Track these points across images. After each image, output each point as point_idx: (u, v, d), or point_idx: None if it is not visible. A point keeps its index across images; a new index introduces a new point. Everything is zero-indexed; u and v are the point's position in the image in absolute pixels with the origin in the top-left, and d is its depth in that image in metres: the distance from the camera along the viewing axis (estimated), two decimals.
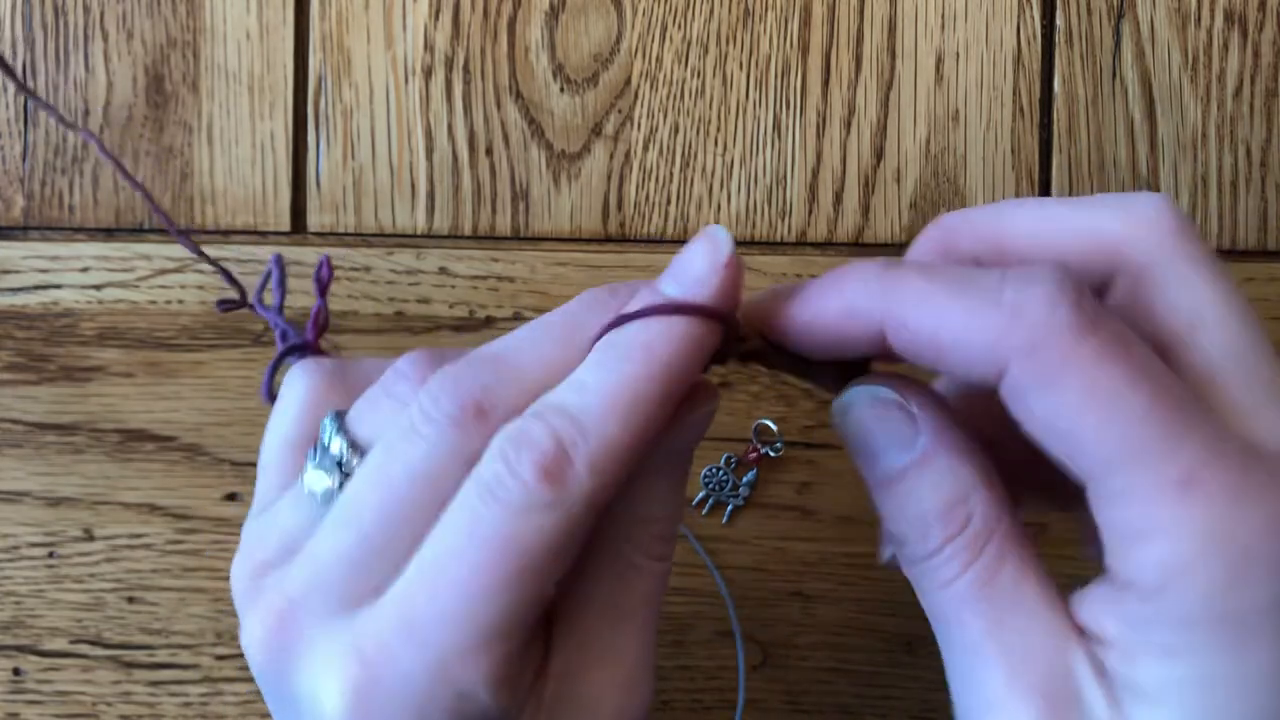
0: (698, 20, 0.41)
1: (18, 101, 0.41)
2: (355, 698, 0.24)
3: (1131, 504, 0.21)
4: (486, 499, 0.23)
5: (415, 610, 0.23)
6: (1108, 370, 0.21)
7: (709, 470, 0.40)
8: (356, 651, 0.24)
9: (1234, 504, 0.21)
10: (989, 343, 0.22)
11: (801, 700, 0.40)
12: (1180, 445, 0.21)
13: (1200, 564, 0.21)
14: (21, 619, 0.40)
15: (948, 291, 0.23)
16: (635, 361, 0.24)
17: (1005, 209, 0.26)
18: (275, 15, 0.41)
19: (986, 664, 0.23)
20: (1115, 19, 0.41)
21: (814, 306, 0.24)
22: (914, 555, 0.25)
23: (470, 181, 0.41)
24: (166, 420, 0.40)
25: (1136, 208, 0.24)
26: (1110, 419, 0.21)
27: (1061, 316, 0.21)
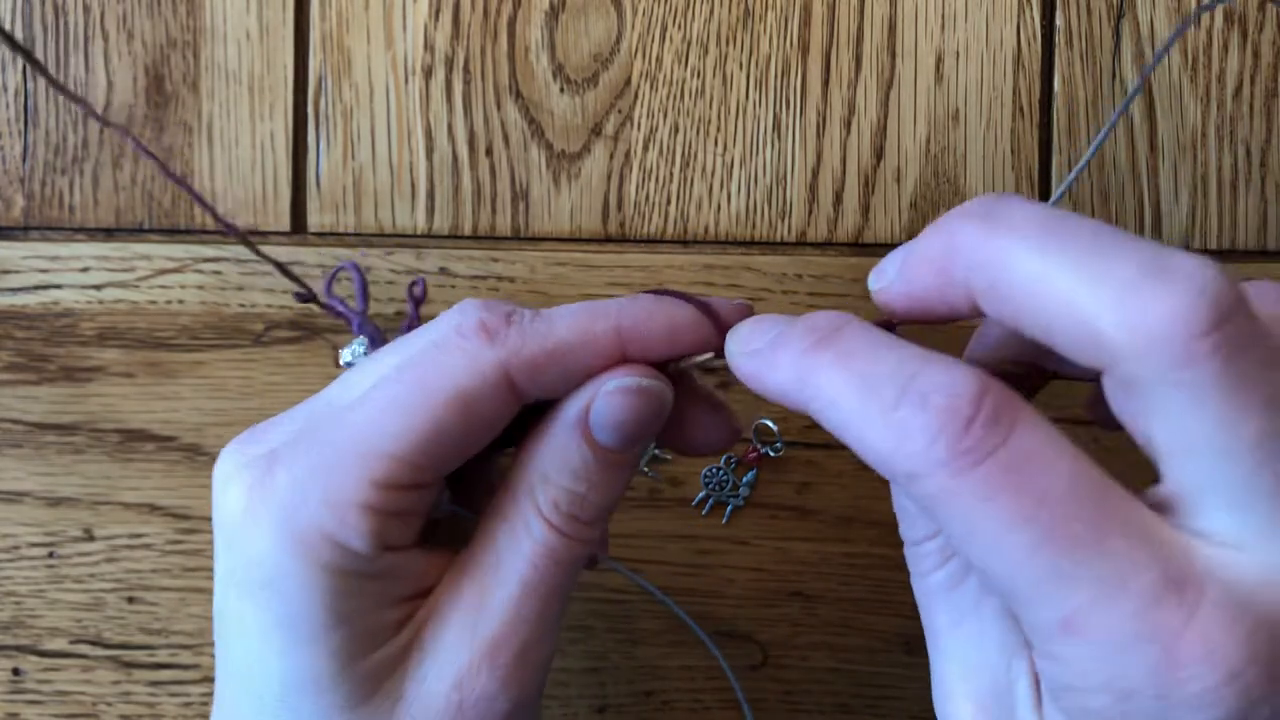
0: (698, 20, 0.41)
1: (18, 101, 0.41)
2: (247, 494, 0.25)
3: (1027, 629, 0.22)
4: (427, 345, 0.26)
5: (329, 426, 0.25)
6: (989, 507, 0.20)
7: (709, 470, 0.40)
8: (270, 454, 0.25)
9: (1117, 651, 0.20)
10: (883, 459, 0.22)
11: (801, 700, 0.40)
12: (1065, 586, 0.20)
13: (1087, 696, 0.21)
14: (21, 619, 0.40)
15: (853, 395, 0.22)
16: (609, 304, 0.27)
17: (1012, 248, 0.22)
18: (275, 15, 0.41)
19: (946, 657, 0.25)
20: (1115, 19, 0.41)
21: (756, 375, 0.25)
22: (903, 536, 0.26)
23: (470, 181, 0.41)
24: (166, 420, 0.40)
25: (1152, 301, 0.20)
26: (991, 556, 0.21)
27: (939, 452, 0.21)
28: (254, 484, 0.25)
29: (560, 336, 0.26)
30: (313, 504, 0.25)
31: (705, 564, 0.40)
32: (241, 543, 0.25)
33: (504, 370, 0.25)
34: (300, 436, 0.26)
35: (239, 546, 0.25)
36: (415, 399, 0.25)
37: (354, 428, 0.25)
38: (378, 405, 0.25)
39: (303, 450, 0.25)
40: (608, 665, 0.40)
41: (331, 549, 0.25)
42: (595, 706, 0.40)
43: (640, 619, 0.40)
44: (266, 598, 0.25)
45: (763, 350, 0.25)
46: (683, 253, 0.41)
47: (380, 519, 0.25)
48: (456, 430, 0.25)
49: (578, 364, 0.26)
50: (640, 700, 0.40)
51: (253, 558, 0.25)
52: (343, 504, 0.24)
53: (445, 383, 0.25)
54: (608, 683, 0.40)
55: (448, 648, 0.26)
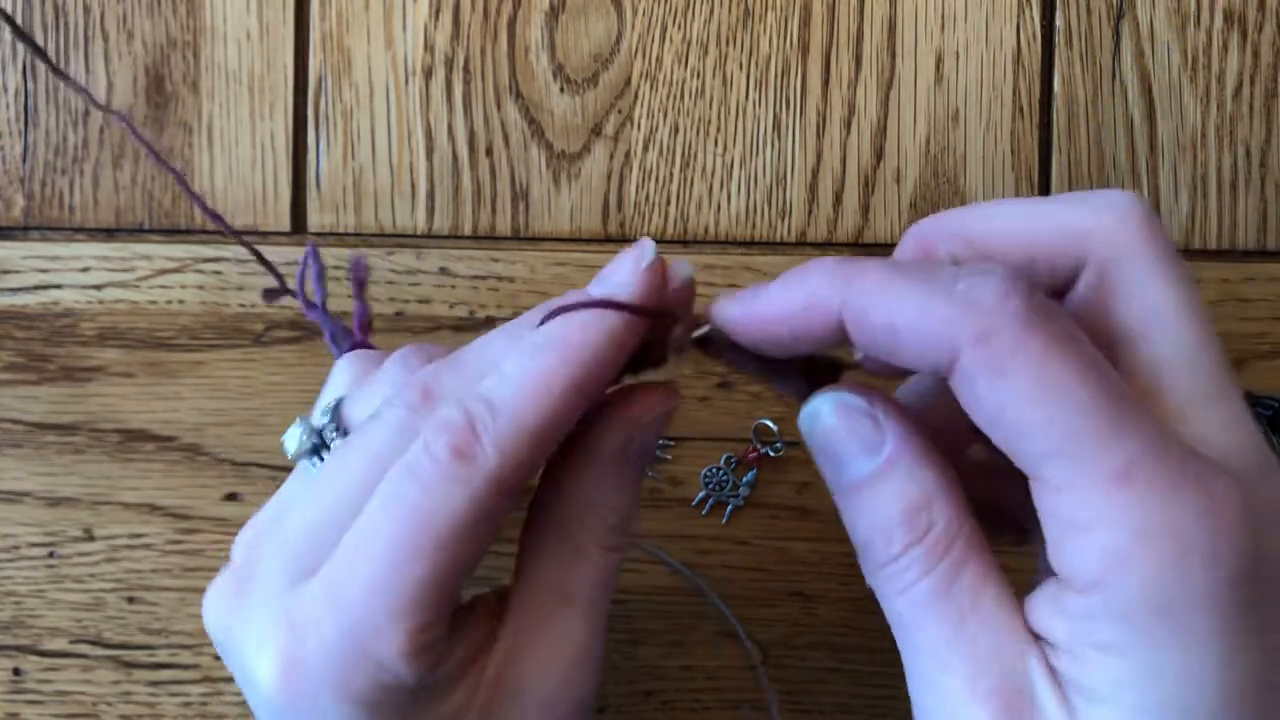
0: (698, 20, 0.41)
1: (18, 101, 0.41)
2: (283, 667, 0.25)
3: (1071, 496, 0.22)
4: (405, 476, 0.25)
5: (338, 581, 0.25)
6: (1055, 361, 0.22)
7: (709, 470, 0.40)
8: (288, 621, 0.25)
9: (1171, 496, 0.21)
10: (942, 331, 0.23)
11: (801, 700, 0.40)
12: (1121, 438, 0.22)
13: (1137, 556, 0.21)
14: (21, 619, 0.40)
15: (905, 282, 0.23)
16: (550, 352, 0.25)
17: (978, 210, 0.26)
18: (275, 15, 0.41)
19: (946, 668, 0.24)
20: (1115, 19, 0.41)
21: (776, 300, 0.25)
22: (876, 561, 0.25)
23: (470, 181, 0.41)
24: (166, 420, 0.40)
25: (1106, 203, 0.25)
26: (1054, 409, 0.22)
27: (1012, 307, 0.22)
28: (287, 659, 0.25)
29: (532, 429, 0.25)
30: (360, 669, 0.25)
31: (705, 564, 0.40)
32: (296, 715, 0.26)
33: (496, 487, 0.25)
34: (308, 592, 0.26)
35: (294, 718, 0.26)
36: (421, 543, 0.25)
37: (370, 584, 0.25)
38: (384, 555, 0.25)
39: (323, 614, 0.25)
40: (608, 665, 0.40)
41: (389, 694, 0.25)
42: (595, 706, 0.40)
43: (640, 619, 0.40)
44: None
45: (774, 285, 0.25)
46: (683, 253, 0.41)
47: (424, 654, 0.25)
48: (469, 555, 0.25)
49: (556, 441, 0.26)
50: (640, 700, 0.40)
51: None
52: (389, 660, 0.25)
53: (445, 520, 0.25)
54: (608, 683, 0.40)
55: (533, 691, 0.27)
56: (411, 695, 0.26)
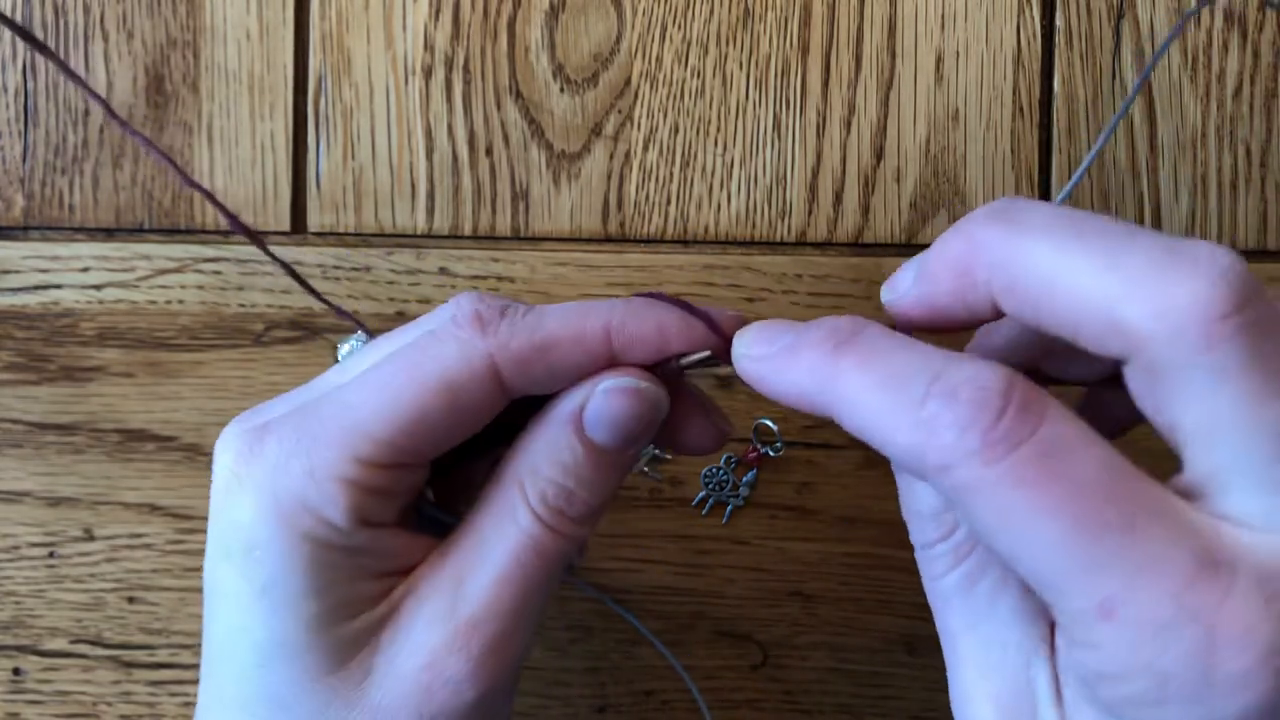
0: (698, 20, 0.41)
1: (18, 101, 0.41)
2: (236, 457, 0.26)
3: (1060, 618, 0.22)
4: (423, 335, 0.27)
5: (321, 404, 0.26)
6: (1022, 496, 0.20)
7: (709, 470, 0.40)
8: (263, 428, 0.26)
9: (1155, 634, 0.20)
10: (912, 455, 0.22)
11: (801, 700, 0.40)
12: (1101, 571, 0.20)
13: (1124, 682, 0.21)
14: (21, 619, 0.40)
15: (880, 395, 0.22)
16: (600, 305, 0.27)
17: (1034, 246, 0.22)
18: (275, 15, 0.41)
19: (962, 660, 0.25)
20: (1115, 19, 0.41)
21: (769, 378, 0.25)
22: (915, 541, 0.26)
23: (470, 181, 0.41)
24: (166, 420, 0.40)
25: (1173, 287, 0.20)
26: (1024, 545, 0.21)
27: (971, 441, 0.21)
28: (243, 452, 0.26)
29: (550, 331, 0.26)
30: (295, 475, 0.25)
31: (705, 564, 0.40)
32: (227, 509, 0.26)
33: (492, 361, 0.26)
34: (293, 410, 0.27)
35: (225, 513, 0.26)
36: (403, 383, 0.26)
37: (341, 405, 0.26)
38: (366, 386, 0.26)
39: (292, 424, 0.26)
40: (608, 665, 0.40)
41: (311, 519, 0.25)
42: (595, 706, 0.40)
43: (640, 619, 0.40)
44: (247, 564, 0.26)
45: (776, 354, 0.25)
46: (683, 253, 0.41)
47: (360, 494, 0.25)
48: (441, 416, 0.26)
49: (566, 361, 0.27)
50: (640, 700, 0.40)
51: (236, 523, 0.26)
52: (324, 477, 0.25)
53: (434, 369, 0.26)
54: (608, 683, 0.40)
55: (422, 627, 0.26)
56: (327, 539, 0.26)
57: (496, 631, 0.27)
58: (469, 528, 0.28)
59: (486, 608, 0.27)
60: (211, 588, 0.27)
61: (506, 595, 0.27)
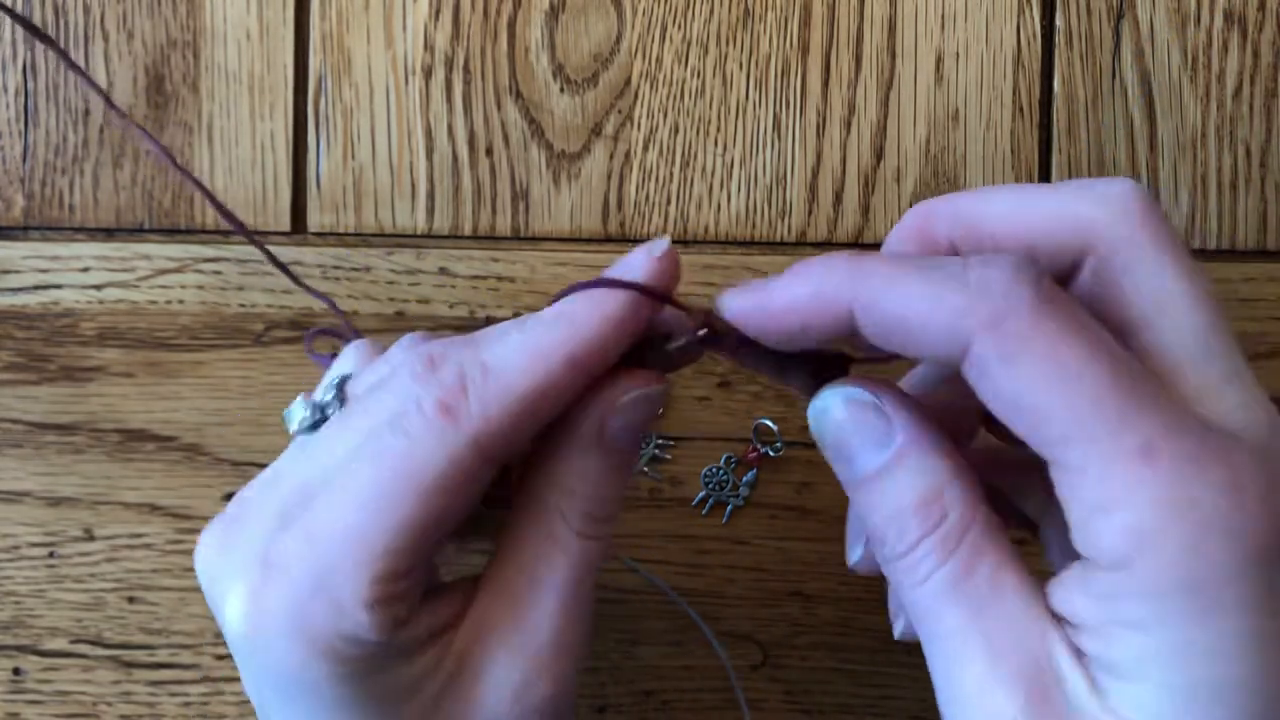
0: (698, 20, 0.41)
1: (18, 101, 0.41)
2: (249, 603, 0.25)
3: (1094, 476, 0.22)
4: (394, 428, 0.25)
5: (315, 523, 0.25)
6: (1068, 344, 0.22)
7: (709, 470, 0.40)
8: (263, 559, 0.26)
9: (1193, 472, 0.21)
10: (954, 320, 0.23)
11: (801, 700, 0.40)
12: (1139, 416, 0.22)
13: (1162, 532, 0.21)
14: (21, 619, 0.40)
15: (914, 273, 0.23)
16: (552, 326, 0.26)
17: (980, 194, 0.26)
18: (275, 15, 0.41)
19: (967, 655, 0.24)
20: (1115, 19, 0.41)
21: (786, 292, 0.25)
22: (892, 553, 0.25)
23: (470, 181, 0.41)
24: (166, 420, 0.40)
25: (1108, 192, 0.25)
26: (1070, 391, 0.22)
27: (1023, 293, 0.22)
28: (254, 596, 0.25)
29: (520, 393, 0.25)
30: (320, 612, 0.25)
31: (705, 564, 0.40)
32: (258, 656, 0.26)
33: (477, 447, 0.25)
34: (288, 535, 0.26)
35: (257, 659, 0.26)
36: (399, 492, 0.25)
37: (346, 528, 0.25)
38: (362, 501, 0.25)
39: (295, 554, 0.25)
40: (608, 665, 0.40)
41: (348, 644, 0.25)
42: (595, 706, 0.40)
43: (640, 619, 0.40)
44: (301, 696, 0.26)
45: (782, 277, 0.25)
46: (683, 253, 0.41)
47: (386, 608, 0.25)
48: (445, 513, 0.25)
49: (545, 414, 0.26)
50: (640, 700, 0.40)
51: (274, 669, 0.26)
52: (350, 606, 0.25)
53: (425, 471, 0.25)
54: (608, 683, 0.40)
55: (500, 670, 0.27)
56: (371, 653, 0.25)
57: (569, 646, 0.27)
58: (513, 562, 0.27)
59: (558, 632, 0.27)
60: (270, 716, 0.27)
61: (571, 613, 0.27)
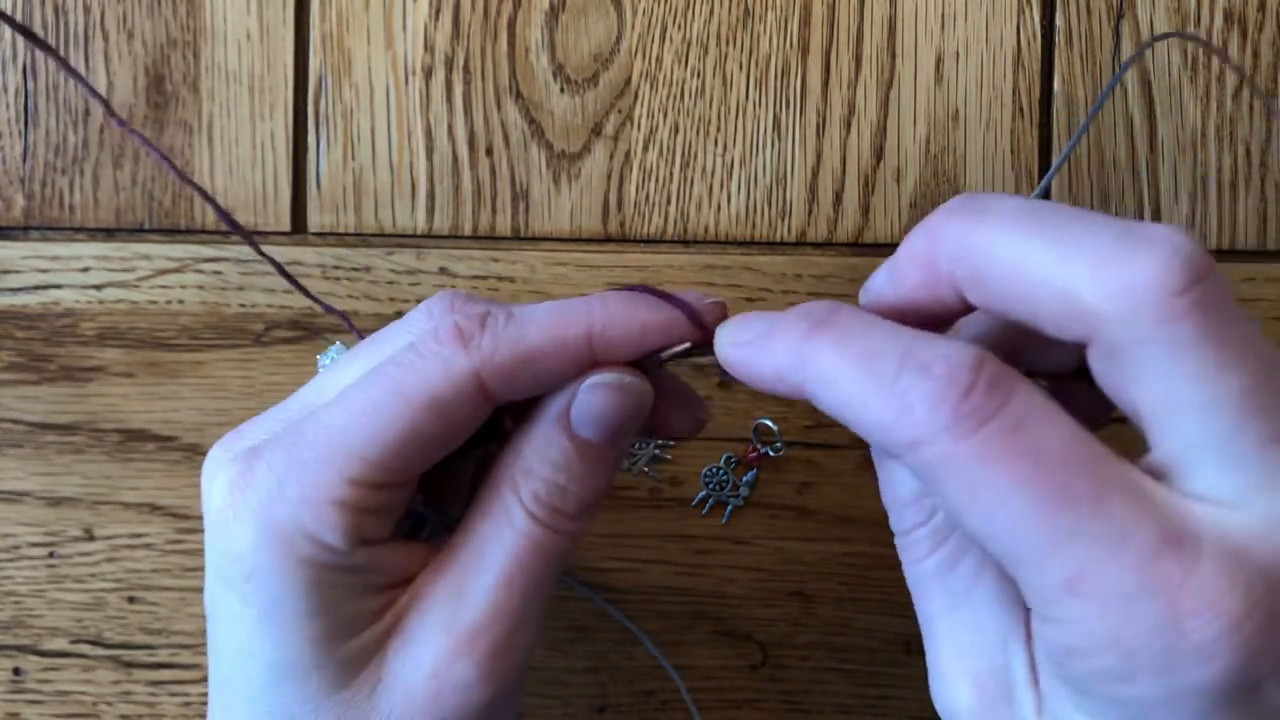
0: (698, 20, 0.41)
1: (18, 101, 0.41)
2: (227, 486, 0.26)
3: (1028, 594, 0.22)
4: (408, 350, 0.26)
5: (306, 425, 0.26)
6: (990, 471, 0.21)
7: (709, 470, 0.40)
8: (251, 454, 0.26)
9: (1121, 607, 0.20)
10: (884, 430, 0.22)
11: (801, 700, 0.40)
12: (1067, 545, 0.20)
13: (1091, 658, 0.21)
14: (22, 619, 0.40)
15: (854, 372, 0.23)
16: (585, 301, 0.27)
17: (990, 236, 0.23)
18: (275, 15, 0.41)
19: (940, 641, 0.25)
20: (1115, 19, 0.41)
21: (748, 362, 0.26)
22: (895, 528, 0.26)
23: (470, 181, 0.41)
24: (167, 420, 0.40)
25: (1126, 271, 0.21)
26: (992, 520, 0.21)
27: (942, 417, 0.21)
28: (235, 480, 0.26)
29: (533, 342, 0.26)
30: (290, 501, 0.25)
31: (705, 564, 0.40)
32: (224, 537, 0.26)
33: (477, 376, 0.26)
34: (280, 435, 0.27)
35: (222, 541, 0.26)
36: (391, 403, 0.26)
37: (331, 429, 0.26)
38: (354, 408, 0.26)
39: (282, 448, 0.26)
40: (608, 665, 0.40)
41: (308, 543, 0.25)
42: (595, 706, 0.40)
43: (640, 619, 0.40)
44: (249, 590, 0.26)
45: (756, 340, 0.25)
46: (683, 253, 0.41)
47: (355, 515, 0.26)
48: (430, 434, 0.26)
49: (550, 369, 0.27)
50: (640, 700, 0.40)
51: (234, 552, 0.26)
52: (319, 501, 0.25)
53: (420, 387, 0.26)
54: (608, 683, 0.40)
55: (427, 635, 0.27)
56: (323, 560, 0.26)
57: (500, 634, 0.27)
58: (465, 534, 0.28)
59: (489, 613, 0.27)
60: (214, 613, 0.27)
61: (507, 598, 0.27)
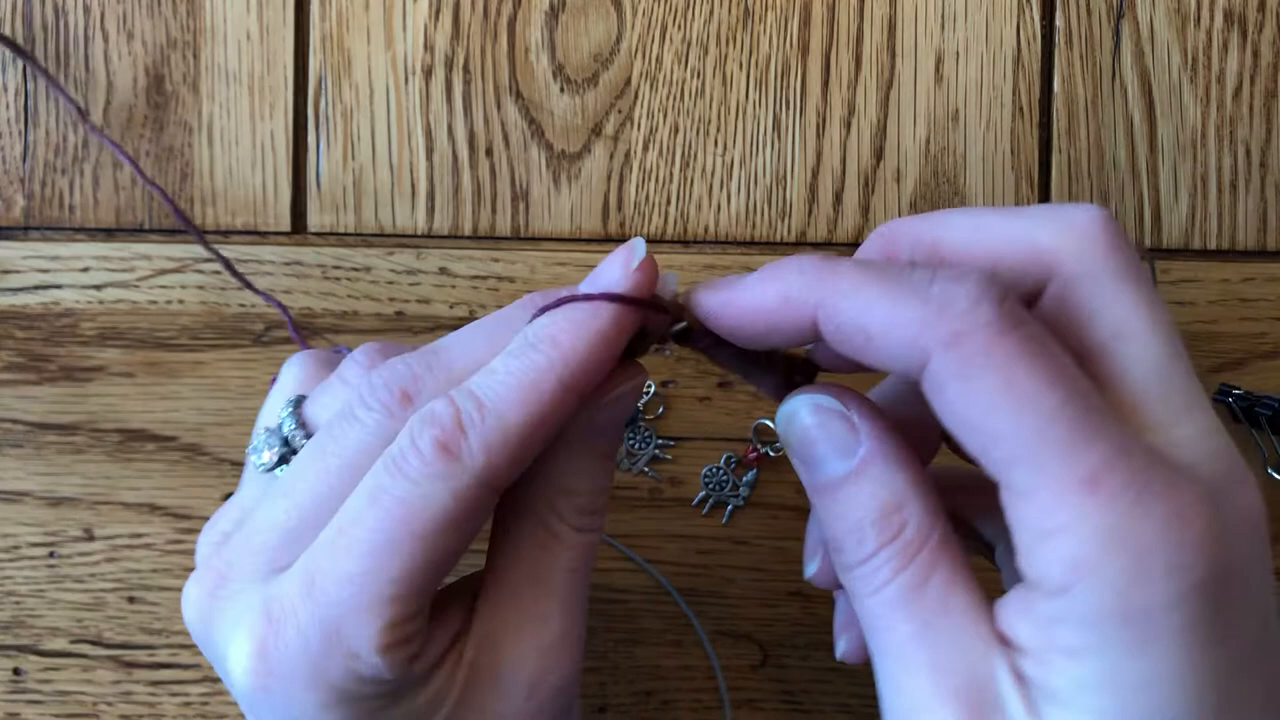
0: (698, 21, 0.41)
1: (18, 102, 0.41)
2: (258, 654, 0.25)
3: (1039, 501, 0.22)
4: (391, 470, 0.25)
5: (318, 571, 0.25)
6: (1024, 367, 0.22)
7: (709, 470, 0.40)
8: (265, 611, 0.25)
9: (1136, 503, 0.21)
10: (914, 332, 0.23)
11: (801, 700, 0.40)
12: (1088, 445, 0.22)
13: (1102, 562, 0.21)
14: (22, 619, 0.40)
15: (879, 281, 0.24)
16: (539, 350, 0.25)
17: (944, 216, 0.26)
18: (275, 15, 0.41)
19: (912, 668, 0.24)
20: (1115, 19, 0.41)
21: (753, 292, 0.25)
22: (849, 561, 0.25)
23: (470, 181, 0.41)
24: (166, 420, 0.40)
25: (1071, 219, 0.24)
26: (1021, 415, 0.22)
27: (984, 312, 0.22)
28: (260, 649, 0.25)
29: (518, 425, 0.25)
30: (335, 661, 0.25)
31: (705, 564, 0.40)
32: (273, 705, 0.26)
33: (484, 485, 0.25)
34: (285, 584, 0.26)
35: (271, 708, 0.26)
36: (402, 536, 0.25)
37: (349, 576, 0.25)
38: (365, 549, 0.25)
39: (299, 605, 0.25)
40: (607, 665, 0.40)
41: (365, 685, 0.25)
42: (595, 706, 0.40)
43: (640, 619, 0.40)
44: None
45: (754, 276, 0.25)
46: (683, 253, 0.41)
47: (400, 649, 0.25)
48: (449, 551, 0.26)
49: (545, 437, 0.26)
50: (640, 700, 0.40)
51: (292, 715, 0.26)
52: (365, 653, 0.25)
53: (428, 514, 0.25)
54: (608, 683, 0.40)
55: (514, 669, 0.27)
56: (388, 687, 0.26)
57: (576, 638, 0.28)
58: (514, 563, 0.28)
59: (564, 624, 0.27)
60: None
61: (575, 609, 0.28)
